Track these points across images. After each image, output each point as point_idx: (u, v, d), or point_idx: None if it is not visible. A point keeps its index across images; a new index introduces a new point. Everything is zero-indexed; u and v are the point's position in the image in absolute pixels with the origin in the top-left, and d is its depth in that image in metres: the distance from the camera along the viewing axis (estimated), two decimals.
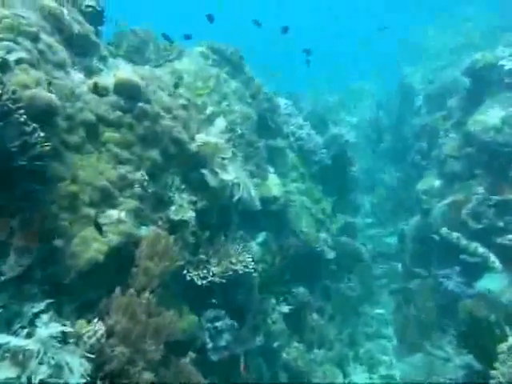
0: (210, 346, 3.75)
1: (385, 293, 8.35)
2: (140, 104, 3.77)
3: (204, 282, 3.91)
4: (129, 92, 3.72)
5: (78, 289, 2.78)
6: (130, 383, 2.61)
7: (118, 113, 3.57)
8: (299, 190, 7.20)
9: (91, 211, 3.05)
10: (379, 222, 10.04)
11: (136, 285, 3.08)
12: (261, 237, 5.91)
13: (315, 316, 6.05)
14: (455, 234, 5.79)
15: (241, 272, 4.26)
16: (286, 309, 5.50)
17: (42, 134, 2.55)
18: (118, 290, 2.93)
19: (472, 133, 6.45)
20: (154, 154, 3.90)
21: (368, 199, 10.53)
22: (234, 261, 4.30)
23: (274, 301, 5.45)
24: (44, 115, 2.72)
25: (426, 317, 5.91)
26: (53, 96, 2.73)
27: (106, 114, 3.46)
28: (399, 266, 8.31)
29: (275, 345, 4.92)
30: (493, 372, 3.56)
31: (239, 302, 4.44)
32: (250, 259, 4.51)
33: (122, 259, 3.15)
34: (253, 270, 4.62)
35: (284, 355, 4.98)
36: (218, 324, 3.90)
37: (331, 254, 6.74)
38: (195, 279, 3.89)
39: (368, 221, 10.17)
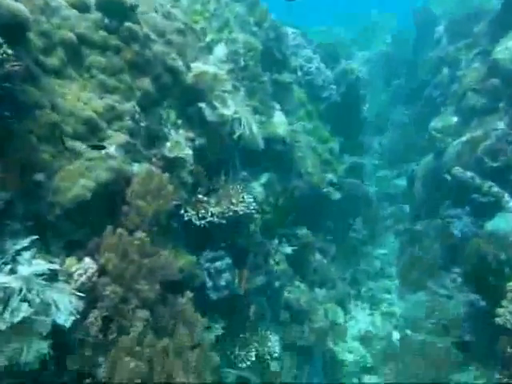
0: (209, 285, 3.69)
1: (390, 235, 8.30)
2: (128, 24, 3.33)
3: (202, 222, 3.75)
4: (115, 9, 3.27)
5: (65, 227, 2.62)
6: (123, 322, 2.55)
7: (103, 33, 3.16)
8: (306, 129, 6.82)
9: (76, 144, 2.79)
10: (388, 164, 9.71)
11: (128, 224, 2.92)
12: (264, 178, 5.68)
13: (318, 256, 6.01)
14: (469, 173, 5.50)
15: (241, 213, 4.08)
16: (288, 250, 5.43)
17: (10, 52, 2.22)
18: (109, 228, 2.77)
19: (498, 62, 5.86)
20: (146, 83, 3.54)
21: (378, 140, 10.10)
22: (234, 201, 4.11)
23: (276, 242, 5.35)
24: (12, 29, 2.35)
25: (430, 257, 5.83)
26: (21, 5, 2.35)
27: (88, 33, 3.06)
28: (407, 207, 8.14)
29: (277, 284, 4.91)
30: (499, 310, 3.50)
31: (240, 243, 4.32)
32: (252, 200, 4.31)
33: (112, 197, 2.95)
34: (254, 212, 4.45)
35: (286, 294, 4.99)
36: (217, 264, 3.81)
37: (337, 196, 6.55)
38: (193, 219, 3.73)
39: (377, 162, 9.84)
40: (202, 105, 4.15)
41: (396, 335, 5.50)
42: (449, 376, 4.00)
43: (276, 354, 4.25)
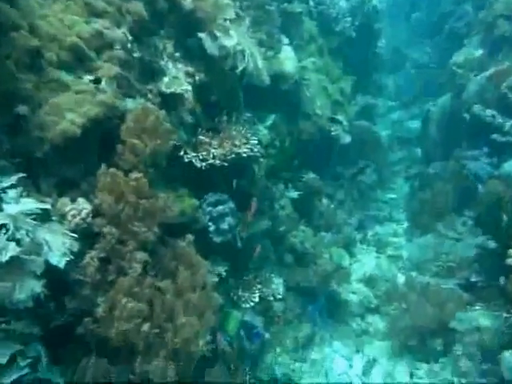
0: (212, 228, 3.60)
1: (400, 179, 8.10)
2: None
3: (204, 164, 3.57)
4: None
5: (55, 164, 2.47)
6: (122, 263, 2.48)
7: None
8: (316, 67, 6.34)
9: (62, 75, 2.55)
10: (403, 105, 9.21)
11: (123, 164, 2.76)
12: (270, 119, 5.39)
13: (324, 201, 5.88)
14: (490, 112, 5.12)
15: (245, 155, 3.89)
16: (294, 194, 5.29)
17: None
18: (103, 167, 2.62)
19: None
20: (139, 7, 3.18)
21: (393, 79, 9.49)
22: (237, 143, 3.90)
23: (282, 186, 5.20)
24: None
25: (442, 200, 5.64)
26: None
27: None
28: (419, 151, 7.83)
29: (281, 229, 4.85)
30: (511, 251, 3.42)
31: (243, 186, 4.17)
32: (256, 142, 4.09)
33: (104, 135, 2.76)
34: (259, 154, 4.25)
35: (291, 238, 4.94)
36: (219, 208, 3.70)
37: (347, 139, 6.26)
38: (194, 161, 3.55)
39: (391, 103, 9.33)
40: (202, 35, 3.79)
41: (401, 277, 5.51)
42: (453, 316, 4.01)
43: (279, 296, 4.29)
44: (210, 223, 3.63)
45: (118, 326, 2.28)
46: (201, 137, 3.72)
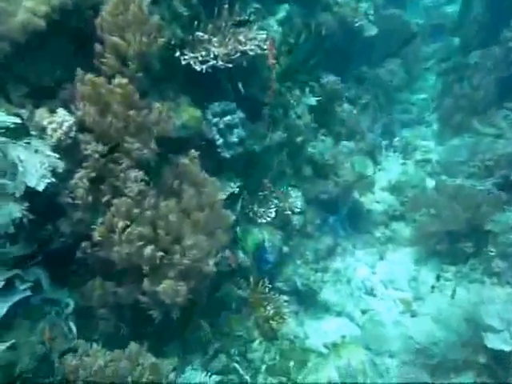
0: (219, 142, 3.25)
1: (431, 76, 7.24)
2: None
3: (204, 66, 3.08)
4: None
5: (23, 69, 2.09)
6: (116, 183, 2.24)
7: None
8: None
9: None
10: None
11: (105, 69, 2.34)
12: (282, 11, 4.62)
13: (346, 107, 5.32)
14: None
15: (252, 54, 3.33)
16: (312, 100, 4.75)
17: None
18: (79, 73, 2.23)
19: None
20: None
21: None
22: (242, 39, 3.32)
23: (297, 91, 4.64)
24: None
25: (480, 94, 4.96)
26: None
27: None
28: (456, 40, 6.82)
29: (299, 139, 4.43)
30: None
31: (253, 93, 3.69)
32: (265, 37, 3.50)
33: (79, 32, 2.31)
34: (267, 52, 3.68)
35: (309, 149, 4.56)
36: (227, 118, 3.30)
37: (372, 31, 5.42)
38: (193, 63, 3.06)
39: None
40: None
41: (430, 183, 5.15)
42: (489, 217, 3.73)
43: (298, 209, 4.08)
44: (217, 136, 3.27)
45: (119, 249, 2.12)
46: (199, 33, 3.16)
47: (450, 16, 7.27)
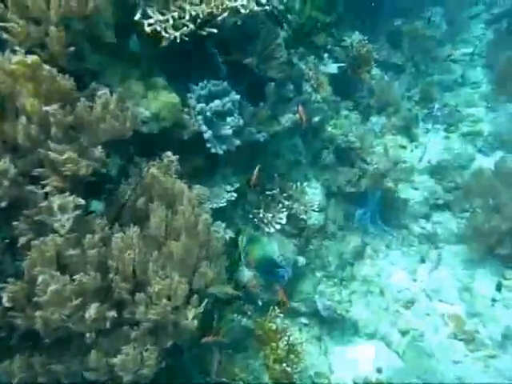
0: (207, 135, 2.49)
1: (478, 26, 6.01)
2: None
3: (177, 33, 2.27)
4: None
5: None
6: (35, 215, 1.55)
7: None
8: None
9: None
10: None
11: (13, 37, 1.60)
12: None
13: (376, 72, 4.34)
14: None
15: (246, 11, 2.47)
16: (333, 68, 3.82)
17: None
18: None
19: None
20: None
21: None
22: None
23: (313, 58, 3.73)
24: None
25: None
26: None
27: None
28: None
29: (317, 119, 3.58)
30: None
31: (252, 65, 2.86)
32: None
33: None
34: (271, 8, 2.80)
35: (330, 130, 3.70)
36: (216, 104, 2.51)
37: None
38: (161, 30, 2.25)
39: None
40: None
41: (483, 161, 4.19)
42: None
43: (316, 208, 3.30)
44: (203, 128, 2.50)
45: (44, 315, 1.46)
46: None
47: None
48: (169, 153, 2.14)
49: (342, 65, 3.91)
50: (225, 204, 2.61)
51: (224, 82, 2.61)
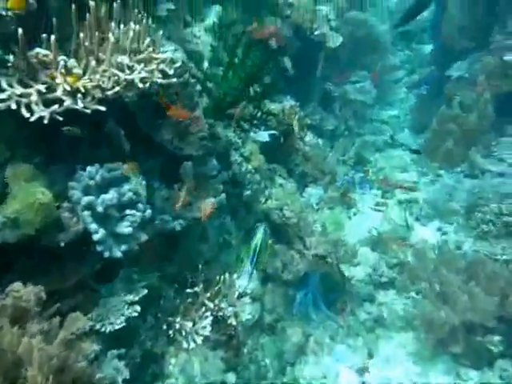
0: (98, 236, 1.85)
1: (402, 89, 6.28)
2: None
3: (46, 113, 1.69)
4: None
5: None
6: None
7: None
8: None
9: None
10: None
11: None
12: (212, 13, 3.36)
13: (309, 138, 4.08)
14: None
15: (144, 86, 1.98)
16: (263, 135, 3.42)
17: None
18: None
19: None
20: None
21: None
22: (128, 62, 1.99)
23: (243, 126, 3.34)
24: None
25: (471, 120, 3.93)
26: None
27: None
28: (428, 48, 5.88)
29: (247, 192, 3.12)
30: None
31: (163, 141, 2.35)
32: (171, 56, 2.23)
33: None
34: (182, 79, 2.35)
35: (262, 205, 3.25)
36: (109, 197, 1.92)
37: (337, 41, 4.25)
38: (22, 109, 1.66)
39: None
40: None
41: (422, 232, 4.01)
42: None
43: (249, 301, 2.76)
44: (92, 226, 1.87)
45: None
46: (39, 51, 1.76)
47: (418, 21, 6.30)
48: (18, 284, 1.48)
49: (274, 132, 3.57)
50: (122, 325, 1.95)
51: (123, 164, 2.05)
